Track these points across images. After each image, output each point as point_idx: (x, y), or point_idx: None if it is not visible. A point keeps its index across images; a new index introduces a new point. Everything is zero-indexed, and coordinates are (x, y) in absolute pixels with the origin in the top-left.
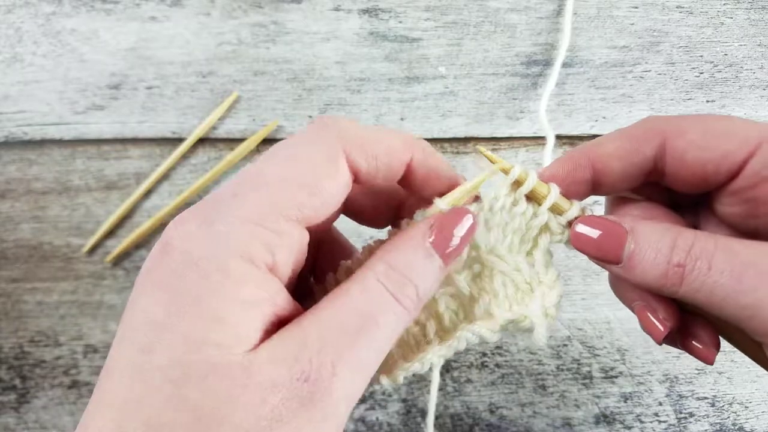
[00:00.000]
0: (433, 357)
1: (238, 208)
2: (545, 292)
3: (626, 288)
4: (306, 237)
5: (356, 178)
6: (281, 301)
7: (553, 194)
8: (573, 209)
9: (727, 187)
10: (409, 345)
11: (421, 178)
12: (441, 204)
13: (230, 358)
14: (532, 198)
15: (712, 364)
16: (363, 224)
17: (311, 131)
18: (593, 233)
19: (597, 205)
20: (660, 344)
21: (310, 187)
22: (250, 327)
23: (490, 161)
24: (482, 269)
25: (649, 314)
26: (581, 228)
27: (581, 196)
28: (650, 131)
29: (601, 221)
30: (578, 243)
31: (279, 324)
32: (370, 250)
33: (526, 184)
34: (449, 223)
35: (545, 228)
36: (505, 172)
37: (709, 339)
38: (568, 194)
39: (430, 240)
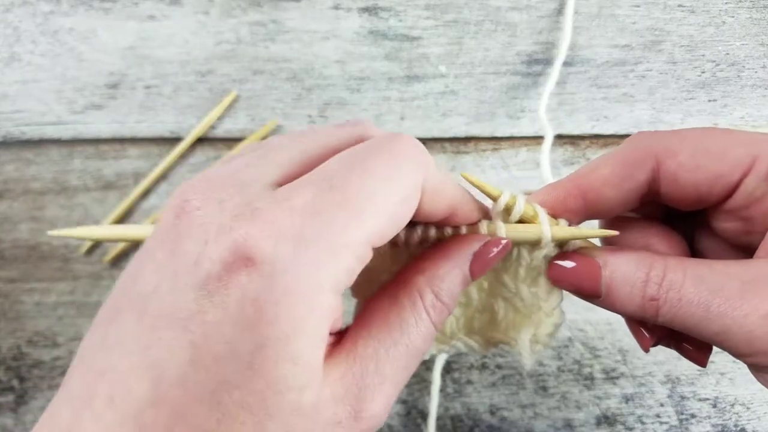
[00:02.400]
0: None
1: (329, 228)
2: (542, 319)
3: None
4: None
5: None
6: (338, 322)
7: (545, 230)
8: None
9: (721, 206)
10: None
11: (452, 221)
12: (501, 231)
13: (305, 401)
14: (524, 221)
15: (704, 366)
16: None
17: (398, 150)
18: (568, 269)
19: None
20: (647, 351)
21: (392, 213)
22: (320, 362)
23: (479, 189)
24: (489, 287)
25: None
26: (556, 266)
27: (574, 224)
28: (642, 153)
29: (575, 257)
30: (556, 280)
31: (331, 342)
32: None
33: (514, 212)
34: (488, 248)
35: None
36: (493, 198)
37: (701, 342)
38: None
39: (468, 264)
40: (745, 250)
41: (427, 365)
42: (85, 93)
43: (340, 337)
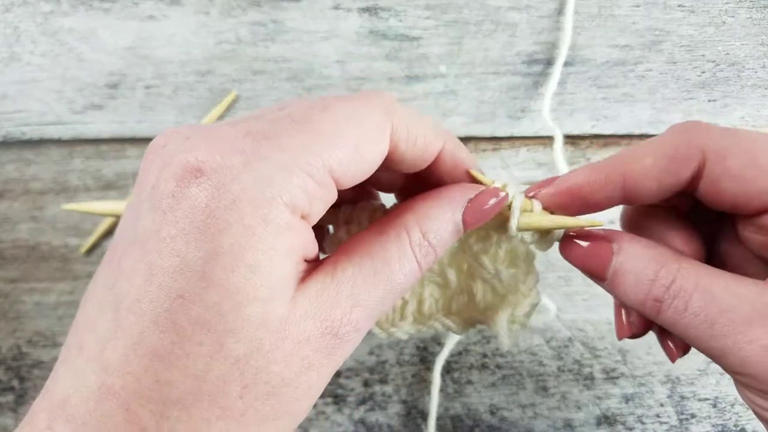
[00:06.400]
0: (400, 333)
1: (284, 148)
2: (519, 300)
3: None
4: (335, 196)
5: (388, 156)
6: (311, 247)
7: (512, 223)
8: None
9: (753, 218)
10: (386, 314)
11: (448, 170)
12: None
13: (271, 314)
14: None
15: (673, 362)
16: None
17: (363, 97)
18: (581, 247)
19: None
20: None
21: (356, 146)
22: (288, 278)
23: (476, 180)
24: (468, 268)
25: (622, 311)
26: (570, 243)
27: (606, 207)
28: (691, 150)
29: (591, 236)
30: (566, 254)
31: (307, 268)
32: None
33: (513, 206)
34: (483, 198)
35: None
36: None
37: (682, 343)
38: (592, 207)
39: (462, 213)
40: (766, 263)
41: (427, 365)
42: (85, 93)
43: (319, 264)
